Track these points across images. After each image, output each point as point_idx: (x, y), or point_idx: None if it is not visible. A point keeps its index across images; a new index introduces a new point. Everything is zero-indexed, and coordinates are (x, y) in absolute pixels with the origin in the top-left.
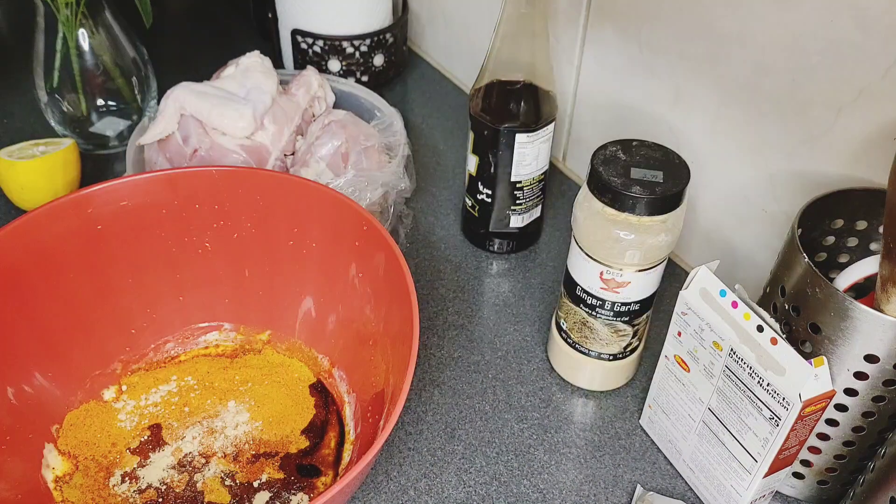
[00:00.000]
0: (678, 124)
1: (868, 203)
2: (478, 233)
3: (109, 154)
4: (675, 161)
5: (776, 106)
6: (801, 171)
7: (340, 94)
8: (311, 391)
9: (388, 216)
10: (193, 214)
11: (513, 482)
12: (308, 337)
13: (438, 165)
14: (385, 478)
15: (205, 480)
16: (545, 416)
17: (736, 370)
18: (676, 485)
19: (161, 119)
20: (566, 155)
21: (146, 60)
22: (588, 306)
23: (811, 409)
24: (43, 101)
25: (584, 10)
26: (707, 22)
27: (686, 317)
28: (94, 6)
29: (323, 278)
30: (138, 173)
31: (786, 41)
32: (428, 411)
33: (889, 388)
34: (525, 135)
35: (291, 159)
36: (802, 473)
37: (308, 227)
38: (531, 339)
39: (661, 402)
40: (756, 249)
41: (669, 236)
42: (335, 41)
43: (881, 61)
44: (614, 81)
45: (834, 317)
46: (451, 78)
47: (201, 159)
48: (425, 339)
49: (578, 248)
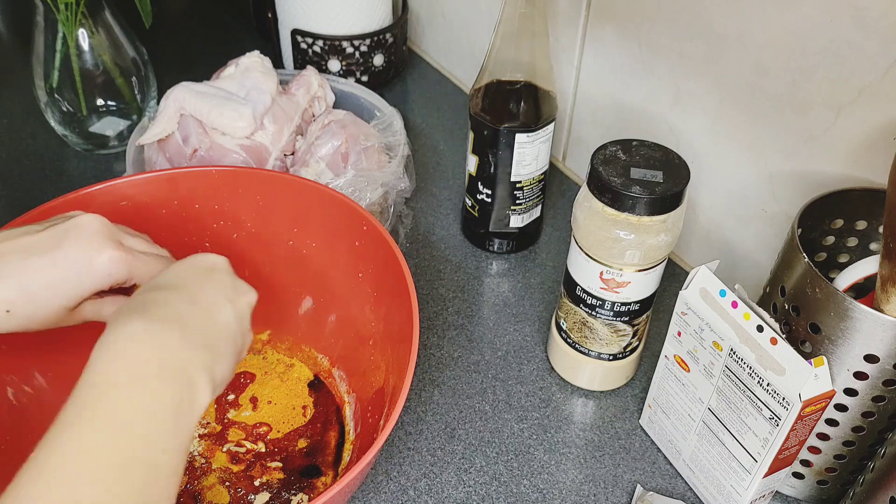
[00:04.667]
0: (678, 124)
1: (868, 203)
2: (478, 233)
3: (109, 154)
4: (675, 161)
5: (776, 106)
6: (800, 171)
7: (340, 94)
8: (311, 391)
9: (388, 216)
10: (193, 214)
11: (513, 482)
12: (308, 337)
13: (438, 165)
14: (385, 478)
15: (205, 480)
16: (545, 416)
17: (736, 370)
18: (676, 485)
19: (161, 119)
20: (566, 155)
21: (146, 60)
22: (588, 306)
23: (811, 409)
24: (43, 101)
25: (584, 10)
26: (707, 22)
27: (686, 317)
28: (94, 6)
29: (323, 278)
30: (138, 173)
31: (786, 41)
32: (428, 411)
33: (889, 388)
34: (525, 135)
35: (291, 159)
36: (802, 473)
37: (308, 227)
38: (531, 339)
39: (661, 402)
40: (756, 249)
41: (669, 236)
42: (335, 41)
43: (881, 61)
44: (614, 81)
45: (834, 317)
46: (451, 78)
47: (201, 159)
48: (425, 339)
49: (578, 247)
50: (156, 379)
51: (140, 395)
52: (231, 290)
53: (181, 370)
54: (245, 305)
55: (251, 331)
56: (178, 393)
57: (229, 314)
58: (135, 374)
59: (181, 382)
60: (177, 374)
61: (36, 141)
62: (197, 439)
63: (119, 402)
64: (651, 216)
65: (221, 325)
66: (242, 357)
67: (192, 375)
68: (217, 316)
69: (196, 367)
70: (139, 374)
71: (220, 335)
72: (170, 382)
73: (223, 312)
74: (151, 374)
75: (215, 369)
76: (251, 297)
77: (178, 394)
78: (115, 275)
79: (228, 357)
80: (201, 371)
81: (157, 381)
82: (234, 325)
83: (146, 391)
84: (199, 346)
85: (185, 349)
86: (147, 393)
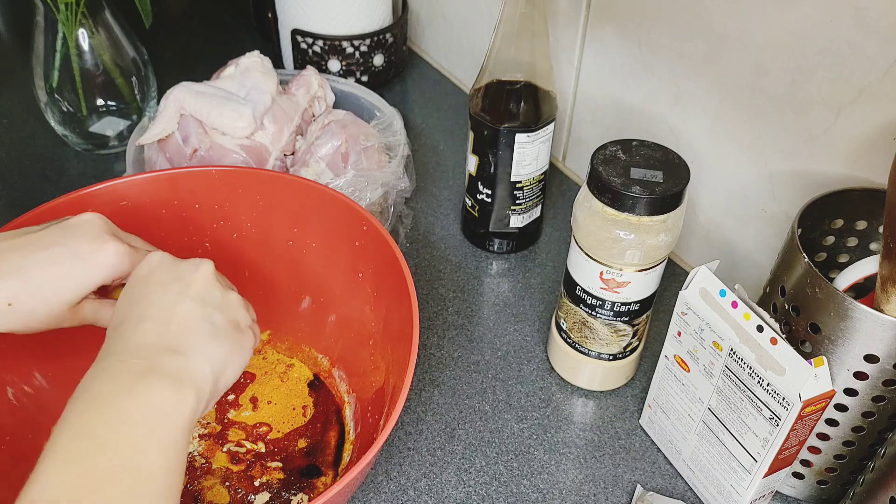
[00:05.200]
0: (678, 124)
1: (868, 203)
2: (478, 233)
3: (109, 154)
4: (675, 161)
5: (776, 106)
6: (800, 171)
7: (340, 94)
8: (311, 391)
9: (388, 216)
10: (193, 214)
11: (513, 482)
12: (308, 337)
13: (438, 165)
14: (385, 478)
15: (205, 481)
16: (545, 416)
17: (736, 370)
18: (676, 485)
19: (161, 119)
20: (566, 155)
21: (146, 60)
22: (588, 306)
23: (811, 409)
24: (43, 101)
25: (584, 10)
26: (707, 22)
27: (686, 317)
28: (94, 6)
29: (323, 278)
30: (138, 173)
31: (786, 41)
32: (428, 411)
33: (889, 388)
34: (525, 135)
35: (291, 159)
36: (802, 473)
37: (308, 227)
38: (531, 339)
39: (661, 402)
40: (756, 249)
41: (669, 236)
42: (335, 41)
43: (881, 61)
44: (614, 81)
45: (834, 317)
46: (451, 78)
47: (201, 159)
48: (425, 339)
49: (578, 247)
50: (121, 402)
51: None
52: (175, 282)
53: (143, 392)
54: (201, 282)
55: (232, 290)
56: (149, 405)
57: (186, 304)
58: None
59: (148, 394)
60: (141, 393)
61: (36, 141)
62: (197, 439)
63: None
64: (651, 216)
65: (182, 321)
66: (243, 320)
67: (157, 386)
68: (173, 316)
69: (163, 376)
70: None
71: (182, 332)
72: (134, 402)
73: (179, 308)
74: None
75: (191, 365)
76: (204, 269)
77: (150, 406)
78: (118, 266)
79: (208, 341)
80: (166, 379)
81: (121, 405)
82: (198, 309)
83: (114, 413)
84: (163, 357)
85: (147, 376)
86: (115, 415)
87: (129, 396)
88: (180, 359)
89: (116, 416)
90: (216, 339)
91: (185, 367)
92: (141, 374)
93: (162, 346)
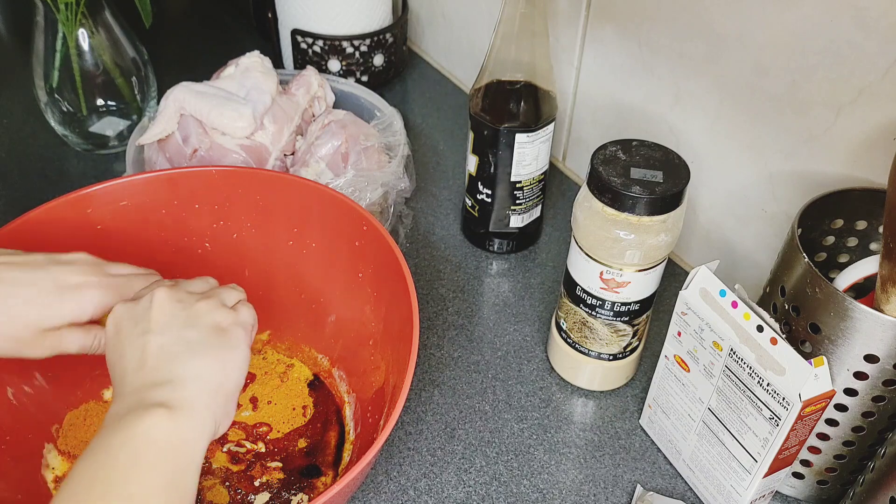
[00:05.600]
0: (678, 124)
1: (868, 203)
2: (478, 233)
3: (109, 154)
4: (675, 161)
5: (776, 106)
6: (800, 171)
7: (340, 94)
8: (311, 391)
9: (388, 216)
10: (193, 214)
11: (513, 482)
12: (308, 337)
13: (438, 165)
14: (385, 478)
15: (205, 481)
16: (545, 416)
17: (736, 370)
18: (676, 485)
19: (161, 119)
20: (566, 155)
21: (146, 60)
22: (588, 306)
23: (811, 409)
24: (43, 101)
25: (584, 10)
26: (707, 22)
27: (686, 317)
28: (94, 6)
29: (323, 278)
30: (138, 173)
31: (786, 41)
32: (428, 411)
33: (889, 388)
34: (525, 135)
35: (291, 159)
36: (802, 473)
37: (308, 227)
38: (531, 339)
39: (661, 402)
40: (756, 249)
41: (669, 236)
42: (335, 41)
43: (881, 61)
44: (614, 81)
45: (834, 317)
46: (451, 78)
47: (201, 159)
48: (425, 339)
49: (578, 247)
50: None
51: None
52: (136, 325)
53: (127, 425)
54: (158, 313)
55: (202, 294)
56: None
57: (153, 341)
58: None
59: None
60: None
61: (36, 141)
62: None
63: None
64: (651, 216)
65: (156, 356)
66: (224, 319)
67: (143, 416)
68: (146, 356)
69: (150, 406)
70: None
71: (159, 365)
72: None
73: (149, 347)
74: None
75: (179, 388)
76: (158, 298)
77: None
78: (93, 311)
79: (188, 359)
80: (153, 408)
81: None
82: (165, 337)
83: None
84: (149, 392)
85: (132, 411)
86: (101, 453)
87: (114, 432)
88: (166, 387)
89: (103, 453)
90: (196, 354)
91: (173, 392)
92: (127, 409)
93: (148, 385)
